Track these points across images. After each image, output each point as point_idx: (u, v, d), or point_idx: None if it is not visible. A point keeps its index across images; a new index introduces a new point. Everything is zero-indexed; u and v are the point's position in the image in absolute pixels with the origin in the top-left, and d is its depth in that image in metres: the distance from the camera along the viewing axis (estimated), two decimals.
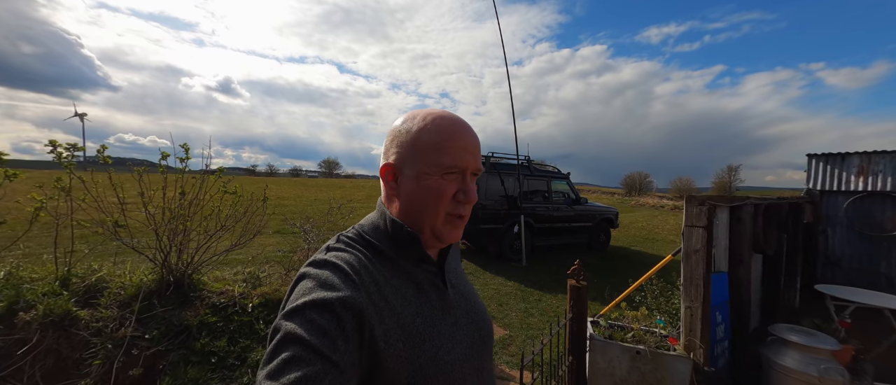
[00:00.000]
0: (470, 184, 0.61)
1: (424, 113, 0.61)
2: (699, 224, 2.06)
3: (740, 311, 2.66)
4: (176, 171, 2.49)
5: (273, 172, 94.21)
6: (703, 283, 2.08)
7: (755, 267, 3.25)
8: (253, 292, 2.69)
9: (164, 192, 2.47)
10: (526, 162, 6.62)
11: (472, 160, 0.60)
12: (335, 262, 0.54)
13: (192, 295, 2.49)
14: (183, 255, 2.51)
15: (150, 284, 2.36)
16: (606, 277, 5.35)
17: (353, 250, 0.58)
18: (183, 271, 2.45)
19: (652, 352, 2.12)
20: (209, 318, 2.35)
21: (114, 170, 2.21)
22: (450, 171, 0.58)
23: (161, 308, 2.24)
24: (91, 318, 2.03)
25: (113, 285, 2.30)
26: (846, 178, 4.81)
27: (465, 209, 0.61)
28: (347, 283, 0.51)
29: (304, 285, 0.51)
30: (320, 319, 0.46)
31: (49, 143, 2.01)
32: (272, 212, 10.18)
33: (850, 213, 4.72)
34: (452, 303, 0.64)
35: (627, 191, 45.70)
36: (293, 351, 0.43)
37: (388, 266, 0.58)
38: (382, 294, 0.54)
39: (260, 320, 2.51)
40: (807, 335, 1.96)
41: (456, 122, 0.61)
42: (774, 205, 3.29)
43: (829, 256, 4.89)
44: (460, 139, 0.59)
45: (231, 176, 2.76)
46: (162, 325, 2.16)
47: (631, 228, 11.71)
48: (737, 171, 48.87)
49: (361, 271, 0.54)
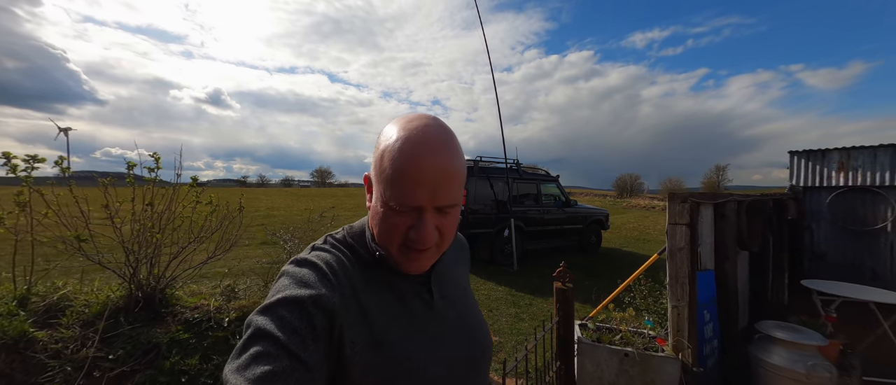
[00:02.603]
0: (424, 224, 0.50)
1: (402, 124, 0.51)
2: (682, 221, 2.04)
3: (728, 309, 2.64)
4: (145, 182, 2.39)
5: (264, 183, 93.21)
6: (689, 282, 2.05)
7: (742, 264, 3.24)
8: (230, 306, 2.58)
9: (133, 204, 2.37)
10: (515, 165, 6.61)
11: (427, 198, 0.49)
12: (314, 262, 0.54)
13: (164, 311, 2.38)
14: (154, 270, 2.40)
15: (118, 301, 2.24)
16: (597, 279, 5.32)
17: (337, 251, 0.57)
18: (154, 286, 2.34)
19: (640, 354, 2.07)
20: (181, 334, 2.23)
21: (75, 183, 2.11)
22: (399, 210, 0.50)
23: (128, 326, 2.13)
24: (50, 340, 1.91)
25: (77, 303, 2.18)
26: (827, 173, 4.89)
27: (419, 245, 0.52)
28: (324, 283, 0.51)
29: (281, 282, 0.51)
30: (291, 317, 0.46)
31: (2, 155, 1.90)
32: (261, 222, 9.98)
33: (832, 209, 4.79)
34: (440, 316, 0.59)
35: (619, 192, 46.21)
36: (262, 346, 0.43)
37: (369, 271, 0.56)
38: (358, 299, 0.52)
39: (236, 335, 2.40)
40: (793, 332, 1.93)
41: (420, 145, 0.49)
42: (758, 201, 3.31)
43: (814, 251, 4.94)
44: (414, 172, 0.48)
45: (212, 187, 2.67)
46: (128, 344, 2.04)
47: (622, 229, 11.77)
48: (724, 170, 49.85)
49: (340, 273, 0.53)
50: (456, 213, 0.55)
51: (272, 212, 13.56)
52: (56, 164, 2.05)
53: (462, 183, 0.54)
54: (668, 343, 2.13)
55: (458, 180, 0.52)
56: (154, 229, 2.28)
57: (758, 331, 2.05)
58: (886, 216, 4.34)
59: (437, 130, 0.51)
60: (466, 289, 0.71)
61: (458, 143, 0.54)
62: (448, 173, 0.50)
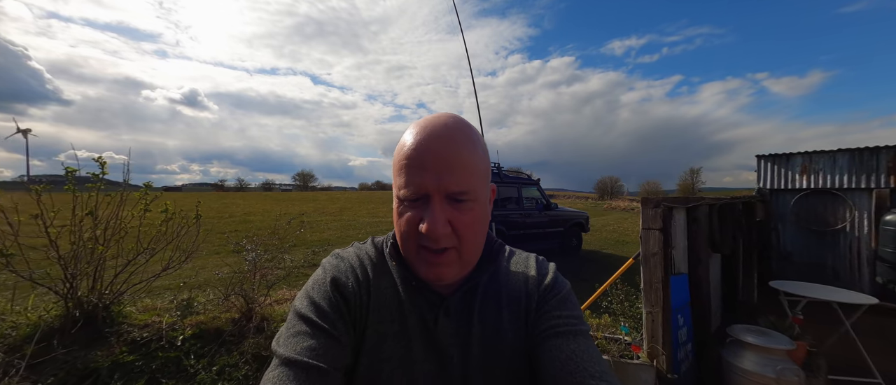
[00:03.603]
0: (434, 212, 0.48)
1: (419, 121, 0.52)
2: (655, 226, 2.02)
3: (702, 312, 2.66)
4: (87, 189, 2.18)
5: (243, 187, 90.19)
6: (663, 287, 2.03)
7: (714, 266, 3.30)
8: (185, 322, 2.39)
9: (73, 212, 2.15)
10: (496, 169, 6.60)
11: (433, 182, 0.47)
12: (340, 253, 0.60)
13: (108, 330, 2.16)
14: (96, 285, 2.18)
15: (52, 321, 2.02)
16: (578, 282, 5.34)
17: (364, 248, 0.61)
18: (95, 304, 2.13)
19: (615, 362, 2.04)
20: (125, 357, 2.04)
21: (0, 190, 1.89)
22: (410, 197, 0.49)
23: (62, 349, 1.91)
24: None
25: (3, 326, 1.95)
26: (791, 176, 5.10)
27: (432, 242, 0.49)
28: (341, 269, 0.56)
29: (316, 272, 0.58)
30: (320, 299, 0.52)
31: None
32: (235, 229, 9.52)
33: (796, 210, 5.00)
34: (439, 342, 0.54)
35: (600, 195, 47.41)
36: (301, 325, 0.50)
37: (387, 271, 0.58)
38: (368, 288, 0.55)
39: (191, 355, 2.21)
40: (762, 335, 1.94)
41: (424, 128, 0.49)
42: (728, 204, 3.38)
43: (780, 251, 5.14)
44: (419, 156, 0.48)
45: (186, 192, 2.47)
46: (60, 371, 1.83)
47: (603, 231, 11.98)
48: (698, 173, 51.99)
49: (357, 265, 0.57)
50: (475, 210, 0.51)
51: (248, 217, 13.06)
52: None
53: (478, 175, 0.51)
54: (643, 350, 2.11)
55: (469, 169, 0.50)
56: (94, 241, 2.08)
57: (730, 334, 2.05)
58: (845, 217, 4.56)
59: (448, 120, 0.51)
60: (503, 329, 0.56)
61: (474, 135, 0.52)
62: (455, 157, 0.49)
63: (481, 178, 0.52)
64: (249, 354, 2.25)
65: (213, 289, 2.94)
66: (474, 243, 0.53)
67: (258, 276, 2.61)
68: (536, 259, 0.63)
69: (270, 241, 2.67)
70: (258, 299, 2.54)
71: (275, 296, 2.99)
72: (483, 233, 0.55)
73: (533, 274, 0.60)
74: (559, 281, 0.60)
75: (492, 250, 0.60)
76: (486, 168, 0.54)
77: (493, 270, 0.60)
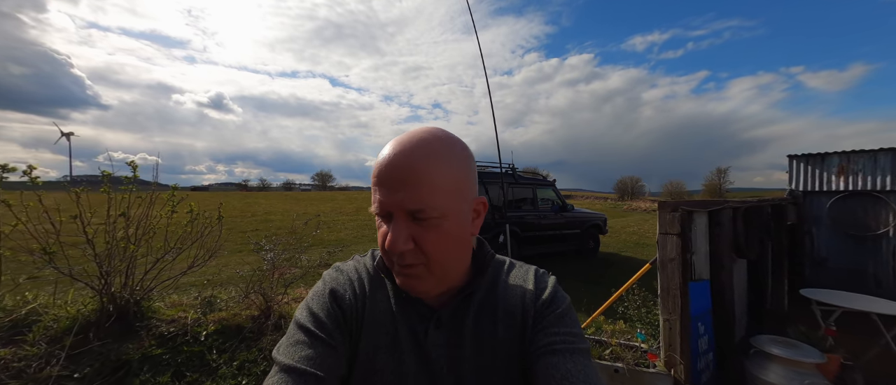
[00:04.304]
0: (395, 229, 0.48)
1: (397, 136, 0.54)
2: (672, 231, 1.96)
3: (725, 321, 2.54)
4: (120, 190, 2.32)
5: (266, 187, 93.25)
6: (681, 294, 1.96)
7: (739, 273, 3.15)
8: (208, 319, 2.50)
9: (108, 213, 2.30)
10: (510, 170, 6.54)
11: (391, 200, 0.48)
12: (339, 265, 0.63)
13: (139, 325, 2.30)
14: (129, 281, 2.32)
15: (89, 315, 2.17)
16: (595, 285, 5.22)
17: (363, 260, 0.64)
18: (127, 299, 2.27)
19: (630, 370, 1.98)
20: (154, 350, 2.16)
21: (44, 191, 2.04)
22: (378, 213, 0.51)
23: (98, 341, 2.05)
24: (13, 358, 1.83)
25: (46, 318, 2.10)
26: (827, 178, 4.79)
27: (398, 258, 0.49)
28: (339, 280, 0.59)
29: (317, 283, 0.61)
30: (318, 309, 0.55)
31: None
32: (256, 228, 9.86)
33: (833, 214, 4.69)
34: (429, 354, 0.54)
35: (620, 195, 46.06)
36: (300, 335, 0.52)
37: (383, 284, 0.60)
38: (365, 299, 0.58)
39: (213, 350, 2.32)
40: (790, 347, 1.84)
41: (394, 146, 0.50)
42: (755, 207, 3.22)
43: (814, 258, 4.84)
44: (383, 173, 0.49)
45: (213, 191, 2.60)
46: (96, 362, 1.96)
47: (622, 233, 11.66)
48: (726, 173, 49.64)
49: (355, 276, 0.60)
50: (442, 227, 0.50)
51: (269, 217, 13.49)
52: (24, 173, 1.98)
53: (444, 192, 0.49)
54: (659, 358, 2.04)
55: (430, 186, 0.48)
56: (126, 240, 2.21)
57: (754, 345, 1.95)
58: (888, 221, 4.24)
59: (423, 134, 0.51)
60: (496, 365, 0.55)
61: (445, 151, 0.51)
62: (413, 175, 0.48)
63: (451, 194, 0.50)
64: (268, 351, 2.34)
65: (234, 286, 3.06)
66: (444, 261, 0.52)
67: (276, 275, 2.70)
68: (536, 272, 0.62)
69: (289, 241, 2.76)
70: (276, 297, 2.63)
71: (292, 294, 3.08)
72: (458, 249, 0.54)
73: (531, 288, 0.59)
74: (558, 296, 0.58)
75: (484, 262, 0.60)
76: (460, 184, 0.52)
77: (491, 283, 0.60)
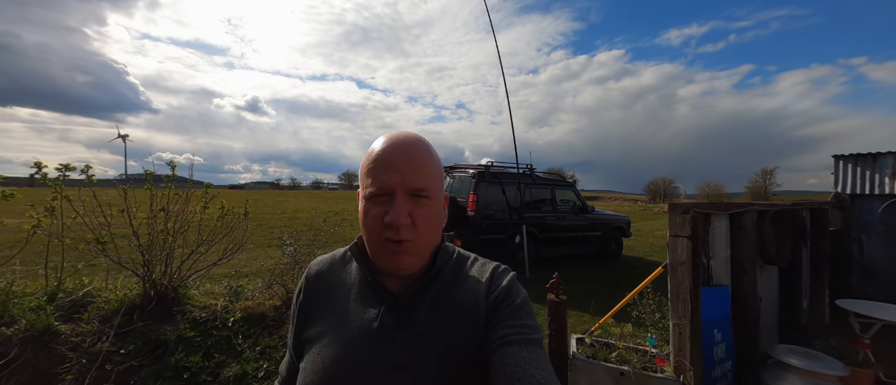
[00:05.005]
0: (397, 205, 0.56)
1: (382, 136, 0.62)
2: (683, 234, 1.90)
3: (746, 329, 2.42)
4: (161, 187, 2.58)
5: (296, 185, 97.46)
6: (691, 299, 1.90)
7: (768, 280, 2.96)
8: (235, 306, 2.72)
9: (151, 208, 2.56)
10: (528, 170, 6.48)
11: (397, 180, 0.57)
12: (322, 257, 0.75)
13: (176, 309, 2.54)
14: (168, 270, 2.57)
15: (134, 299, 2.43)
16: (616, 289, 5.07)
17: (341, 249, 0.74)
18: (166, 285, 2.51)
19: (636, 374, 1.95)
20: (187, 332, 2.38)
21: (98, 188, 2.32)
22: (376, 193, 0.58)
23: (141, 322, 2.29)
24: (71, 333, 2.10)
25: (99, 300, 2.38)
26: (880, 180, 4.38)
27: (393, 233, 0.56)
28: (314, 263, 0.73)
29: None
30: (295, 296, 0.72)
31: (34, 164, 2.13)
32: (285, 225, 10.37)
33: (886, 219, 4.28)
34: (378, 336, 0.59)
35: (651, 197, 43.90)
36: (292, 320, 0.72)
37: (348, 270, 0.69)
38: (325, 285, 0.69)
39: (239, 335, 2.52)
40: (810, 358, 1.74)
41: (392, 140, 0.60)
42: (787, 211, 3.02)
43: (864, 266, 4.43)
44: (386, 159, 0.58)
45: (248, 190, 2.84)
46: (139, 340, 2.20)
47: (650, 237, 11.17)
48: (772, 174, 45.91)
49: (328, 259, 0.73)
50: (431, 207, 0.60)
51: (297, 214, 14.14)
52: (82, 172, 2.25)
53: (435, 179, 0.61)
54: (668, 363, 1.99)
55: (427, 171, 0.59)
56: (166, 233, 2.45)
57: (771, 355, 1.86)
58: None
59: (410, 134, 0.62)
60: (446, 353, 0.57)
61: (431, 149, 0.63)
62: (417, 161, 0.59)
63: (437, 182, 0.62)
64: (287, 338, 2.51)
65: (259, 278, 3.29)
66: (428, 237, 0.61)
67: (296, 268, 2.88)
68: (495, 267, 0.65)
69: (315, 237, 2.94)
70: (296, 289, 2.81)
71: None
72: (437, 230, 0.63)
73: (486, 282, 0.62)
74: (514, 290, 0.60)
75: (442, 255, 0.64)
76: (440, 176, 0.64)
77: (452, 275, 0.64)
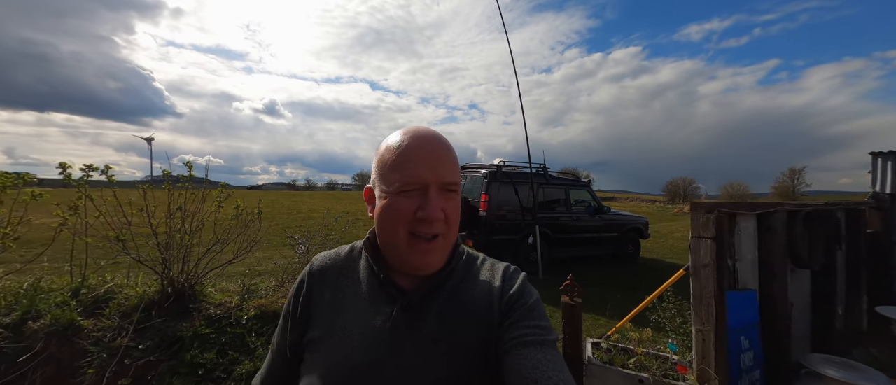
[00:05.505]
0: (432, 199, 0.55)
1: (398, 131, 0.61)
2: (706, 235, 1.80)
3: (775, 337, 2.28)
4: (180, 187, 2.65)
5: (311, 186, 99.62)
6: (716, 303, 1.80)
7: (800, 284, 2.79)
8: (249, 304, 2.75)
9: (169, 206, 2.63)
10: (541, 170, 6.37)
11: (431, 174, 0.56)
12: (328, 252, 0.73)
13: (192, 306, 2.60)
14: (185, 268, 2.63)
15: (153, 296, 2.49)
16: (634, 292, 4.91)
17: (348, 246, 0.72)
18: (183, 283, 2.57)
19: (656, 380, 1.86)
20: (203, 329, 2.42)
21: (118, 188, 2.39)
22: (405, 188, 0.56)
23: (158, 319, 2.35)
24: (93, 328, 2.17)
25: (120, 296, 2.45)
26: None
27: (427, 227, 0.55)
28: (315, 260, 0.71)
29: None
30: (291, 296, 0.70)
31: (59, 165, 2.22)
32: (300, 225, 10.55)
33: None
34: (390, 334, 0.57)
35: (670, 198, 42.59)
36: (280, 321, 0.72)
37: (356, 267, 0.67)
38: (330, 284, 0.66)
39: (252, 333, 2.55)
40: (848, 369, 1.61)
41: (417, 135, 0.58)
42: (820, 211, 2.83)
43: None
44: (416, 153, 0.56)
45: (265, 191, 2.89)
46: (157, 336, 2.25)
47: (669, 239, 10.82)
48: (801, 173, 43.79)
49: (333, 256, 0.70)
50: (457, 200, 0.60)
51: (312, 214, 14.38)
52: (103, 172, 2.33)
53: (458, 171, 0.61)
54: (691, 371, 1.89)
55: (456, 165, 0.60)
56: (183, 232, 2.51)
57: (804, 364, 1.74)
58: None
59: (430, 128, 0.61)
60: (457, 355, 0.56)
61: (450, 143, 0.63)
62: (447, 154, 0.58)
63: (459, 175, 0.63)
64: None
65: (272, 276, 3.34)
66: (456, 232, 0.61)
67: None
68: (506, 268, 0.64)
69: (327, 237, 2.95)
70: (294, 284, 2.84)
71: None
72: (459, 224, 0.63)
73: (498, 284, 0.61)
74: (526, 291, 0.60)
75: (456, 254, 0.63)
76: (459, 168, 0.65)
77: (463, 276, 0.62)
